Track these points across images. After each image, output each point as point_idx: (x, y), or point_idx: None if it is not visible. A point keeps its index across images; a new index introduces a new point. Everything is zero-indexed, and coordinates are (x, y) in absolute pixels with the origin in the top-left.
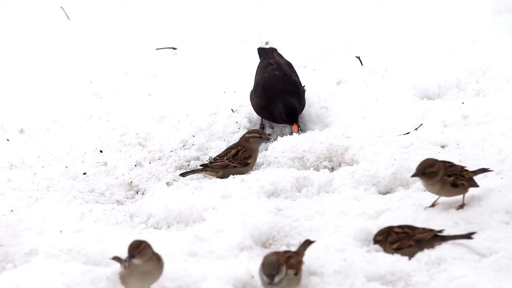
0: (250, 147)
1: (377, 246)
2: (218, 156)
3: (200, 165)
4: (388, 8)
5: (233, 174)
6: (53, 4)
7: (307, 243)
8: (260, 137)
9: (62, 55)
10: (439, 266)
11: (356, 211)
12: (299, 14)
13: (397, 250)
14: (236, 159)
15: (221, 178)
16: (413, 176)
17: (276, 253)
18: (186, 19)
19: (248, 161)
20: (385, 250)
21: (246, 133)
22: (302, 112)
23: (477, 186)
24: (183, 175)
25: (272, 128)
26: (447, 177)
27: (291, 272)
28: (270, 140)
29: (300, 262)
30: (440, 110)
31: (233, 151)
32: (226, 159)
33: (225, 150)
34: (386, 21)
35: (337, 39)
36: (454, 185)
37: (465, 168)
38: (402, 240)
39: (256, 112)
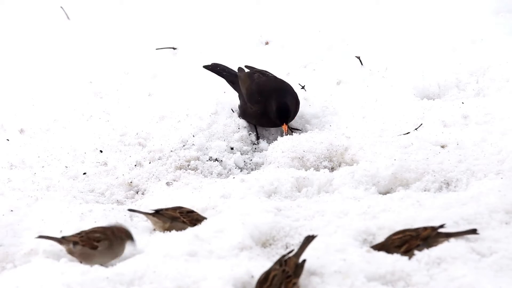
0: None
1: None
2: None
3: (153, 210)
4: (388, 8)
5: (178, 230)
6: (53, 4)
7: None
8: None
9: (62, 55)
10: (439, 266)
11: (356, 211)
12: (299, 14)
13: (406, 252)
14: (189, 217)
15: (167, 230)
16: None
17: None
18: (186, 19)
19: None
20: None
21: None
22: (300, 112)
23: None
24: (131, 210)
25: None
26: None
27: None
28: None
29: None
30: (440, 110)
31: (189, 209)
32: (178, 212)
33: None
34: (386, 21)
35: (337, 39)
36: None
37: None
38: (409, 241)
39: (252, 122)
